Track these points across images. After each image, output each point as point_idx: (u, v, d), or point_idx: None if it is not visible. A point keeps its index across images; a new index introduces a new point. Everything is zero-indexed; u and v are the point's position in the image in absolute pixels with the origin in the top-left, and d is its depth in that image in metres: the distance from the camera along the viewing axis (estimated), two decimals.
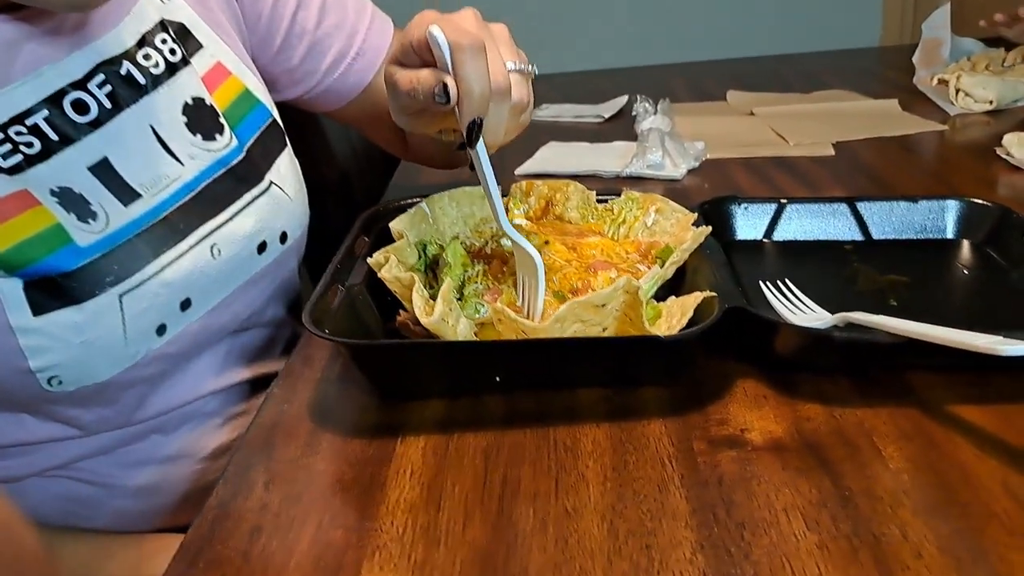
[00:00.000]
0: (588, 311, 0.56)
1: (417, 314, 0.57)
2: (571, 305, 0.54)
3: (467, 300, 0.63)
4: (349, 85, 0.89)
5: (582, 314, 0.56)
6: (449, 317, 0.57)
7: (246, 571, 0.45)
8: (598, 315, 0.56)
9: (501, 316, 0.56)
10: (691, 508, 0.47)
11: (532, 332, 0.55)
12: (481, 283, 0.65)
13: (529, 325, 0.55)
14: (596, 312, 0.56)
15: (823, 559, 0.43)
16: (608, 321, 0.57)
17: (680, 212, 0.71)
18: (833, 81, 1.51)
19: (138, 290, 0.65)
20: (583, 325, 0.57)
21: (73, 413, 0.68)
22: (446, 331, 0.57)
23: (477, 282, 0.65)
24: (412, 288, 0.58)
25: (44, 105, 0.63)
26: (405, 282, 0.60)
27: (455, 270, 0.66)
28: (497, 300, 0.62)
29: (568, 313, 0.55)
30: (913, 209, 0.79)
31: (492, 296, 0.63)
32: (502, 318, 0.56)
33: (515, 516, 0.48)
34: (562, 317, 0.55)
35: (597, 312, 0.56)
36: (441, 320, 0.56)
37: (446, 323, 0.57)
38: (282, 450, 0.56)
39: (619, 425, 0.55)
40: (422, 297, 0.58)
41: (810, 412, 0.55)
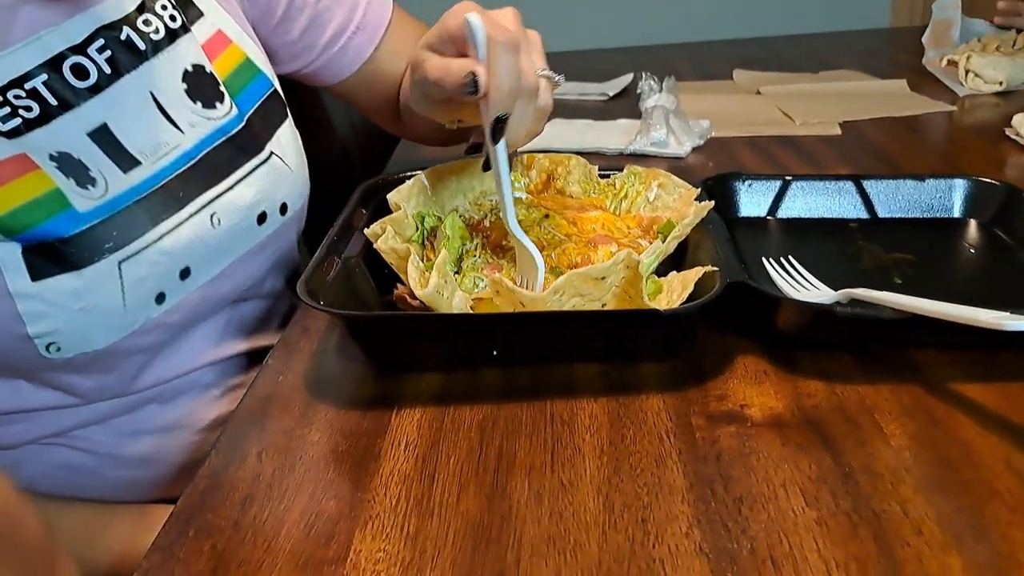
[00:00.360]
0: (587, 284, 0.55)
1: (411, 286, 0.56)
2: (570, 276, 0.54)
3: (465, 274, 0.62)
4: (347, 59, 0.89)
5: (581, 287, 0.55)
6: (444, 290, 0.56)
7: (236, 540, 0.45)
8: (597, 289, 0.56)
9: (500, 288, 0.55)
10: (688, 483, 0.47)
11: (530, 304, 0.54)
12: (480, 257, 0.64)
13: (527, 295, 0.54)
14: (595, 285, 0.55)
15: (822, 535, 0.42)
16: (607, 296, 0.57)
17: (683, 187, 0.70)
18: (841, 62, 1.50)
19: (137, 257, 0.65)
20: (582, 299, 0.56)
21: (71, 380, 0.67)
22: (440, 303, 0.56)
23: (475, 256, 0.64)
24: (408, 259, 0.58)
25: (43, 69, 0.62)
26: (401, 253, 0.60)
27: (453, 243, 0.65)
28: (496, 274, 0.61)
29: (567, 284, 0.54)
30: (920, 188, 0.78)
31: (491, 270, 0.62)
32: (500, 290, 0.55)
33: (510, 488, 0.47)
34: (560, 288, 0.54)
35: (596, 285, 0.55)
36: (436, 292, 0.55)
37: (440, 295, 0.56)
38: (276, 421, 0.55)
39: (617, 400, 0.54)
40: (417, 269, 0.58)
41: (811, 388, 0.54)
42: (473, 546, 0.43)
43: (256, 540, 0.45)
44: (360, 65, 0.89)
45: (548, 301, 0.54)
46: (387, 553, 0.43)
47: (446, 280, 0.57)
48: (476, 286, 0.62)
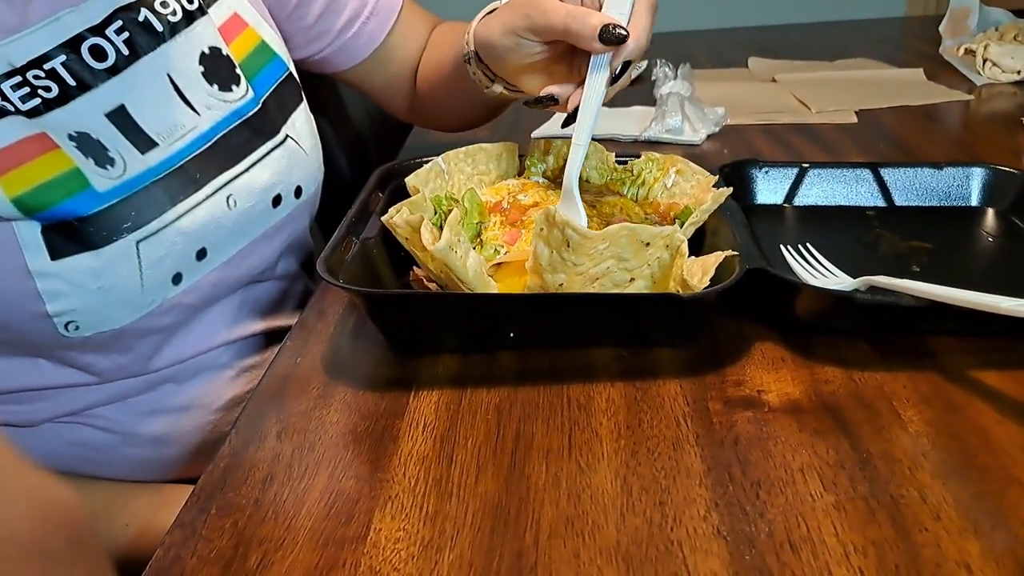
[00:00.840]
0: (631, 244, 0.54)
1: (425, 243, 0.55)
2: (620, 227, 0.53)
3: (486, 243, 0.62)
4: (360, 45, 0.89)
5: (625, 246, 0.54)
6: (457, 247, 0.55)
7: (257, 518, 0.45)
8: (636, 256, 0.55)
9: (551, 221, 0.53)
10: (706, 467, 0.47)
11: (577, 241, 0.53)
12: (499, 231, 0.64)
13: (580, 230, 0.53)
14: (636, 251, 0.55)
15: (839, 519, 0.43)
16: (638, 272, 0.56)
17: (701, 174, 0.70)
18: (857, 50, 1.49)
19: (155, 237, 0.65)
20: (616, 263, 0.55)
21: (89, 359, 0.68)
22: (454, 261, 0.55)
23: (495, 230, 0.64)
24: (420, 227, 0.57)
25: (62, 50, 0.63)
26: (414, 224, 0.59)
27: (471, 217, 0.65)
28: (516, 242, 0.61)
29: (615, 234, 0.53)
30: (937, 176, 0.78)
31: (511, 238, 0.62)
32: (550, 224, 0.53)
33: (528, 471, 0.47)
34: (608, 235, 0.53)
35: (637, 252, 0.55)
36: (448, 248, 0.54)
37: (454, 252, 0.55)
38: (295, 401, 0.55)
39: (634, 384, 0.54)
40: (431, 232, 0.57)
41: (828, 375, 0.54)
42: (492, 527, 0.43)
43: (277, 518, 0.45)
44: (373, 50, 0.90)
45: (595, 245, 0.53)
46: (407, 532, 0.43)
47: (459, 238, 0.56)
48: (497, 253, 0.62)
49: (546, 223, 0.54)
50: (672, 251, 0.56)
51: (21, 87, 0.61)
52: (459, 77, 0.81)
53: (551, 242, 0.55)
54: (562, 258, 0.55)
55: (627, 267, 0.56)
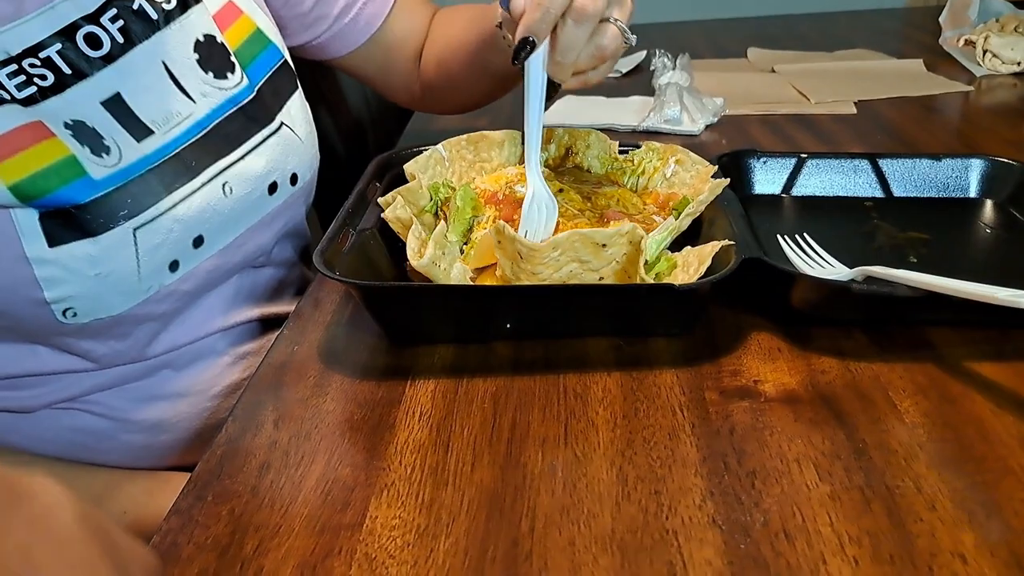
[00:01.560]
0: (588, 248, 0.54)
1: (409, 255, 0.56)
2: (571, 235, 0.53)
3: (473, 244, 0.62)
4: (357, 31, 0.89)
5: (581, 250, 0.54)
6: (441, 261, 0.56)
7: (254, 504, 0.45)
8: (597, 257, 0.55)
9: (502, 236, 0.54)
10: (701, 456, 0.47)
11: (528, 254, 0.53)
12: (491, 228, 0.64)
13: (527, 244, 0.53)
14: (595, 252, 0.55)
15: (835, 509, 0.43)
16: (606, 269, 0.56)
17: (700, 164, 0.70)
18: (856, 41, 1.48)
19: (151, 225, 0.65)
20: (580, 266, 0.55)
21: (87, 346, 0.68)
22: (437, 274, 0.56)
23: (487, 228, 0.64)
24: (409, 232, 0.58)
25: (57, 38, 0.63)
26: (405, 222, 0.59)
27: (464, 213, 0.65)
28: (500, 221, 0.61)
29: (567, 242, 0.53)
30: (936, 167, 0.78)
31: None
32: (502, 239, 0.54)
33: (523, 459, 0.47)
34: (560, 245, 0.53)
35: (596, 253, 0.55)
36: (431, 263, 0.55)
37: (437, 266, 0.56)
38: (292, 390, 0.55)
39: (630, 374, 0.55)
40: (417, 239, 0.57)
41: (825, 365, 0.54)
42: (487, 515, 0.44)
43: (273, 505, 0.45)
44: (370, 35, 0.89)
45: (546, 255, 0.54)
46: (402, 520, 0.43)
47: (444, 251, 0.57)
48: None
49: (499, 236, 0.55)
50: (635, 244, 0.55)
51: (17, 75, 0.61)
52: (481, 48, 0.81)
53: (506, 253, 0.55)
54: (520, 268, 0.55)
55: (591, 267, 0.56)
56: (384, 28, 0.89)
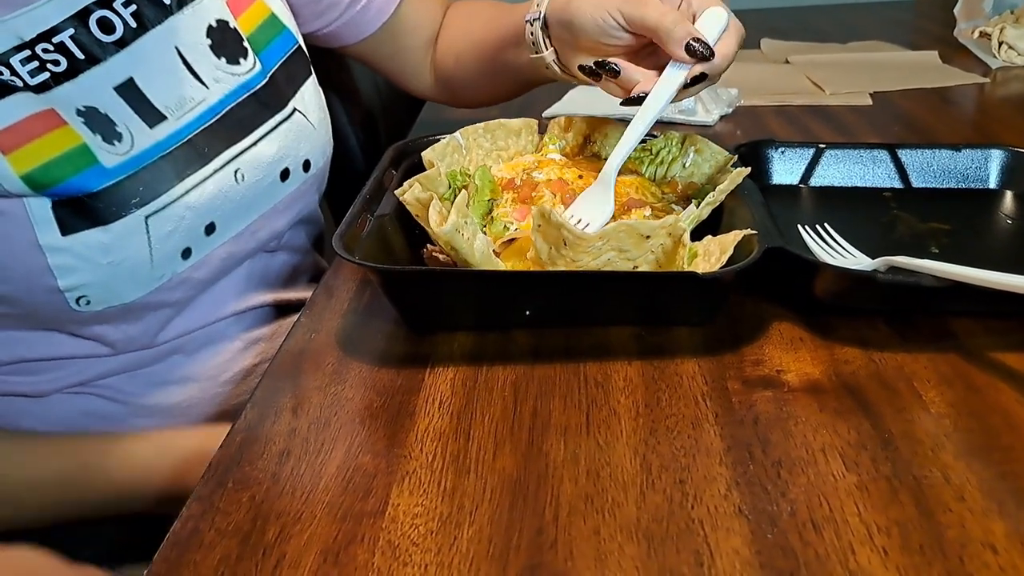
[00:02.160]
0: (631, 238, 0.54)
1: (432, 225, 0.55)
2: (618, 225, 0.53)
3: (496, 219, 0.61)
4: (369, 17, 0.88)
5: (625, 240, 0.54)
6: (464, 230, 0.55)
7: (275, 491, 0.45)
8: (637, 247, 0.55)
9: (544, 220, 0.53)
10: (726, 446, 0.46)
11: (574, 241, 0.53)
12: (510, 207, 0.64)
13: (575, 231, 0.52)
14: (637, 243, 0.54)
15: (862, 499, 0.42)
16: (641, 259, 0.56)
17: (719, 153, 0.69)
18: (869, 32, 1.47)
19: (163, 212, 0.65)
20: (618, 255, 0.55)
21: (100, 331, 0.68)
22: (460, 243, 0.55)
23: (506, 207, 0.63)
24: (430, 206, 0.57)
25: (70, 23, 0.62)
26: (424, 202, 0.59)
27: (482, 194, 0.65)
28: (526, 219, 0.60)
29: (613, 232, 0.53)
30: (955, 158, 0.77)
31: (521, 215, 0.62)
32: (543, 222, 0.53)
33: (545, 447, 0.47)
34: (606, 234, 0.53)
35: (638, 243, 0.54)
36: (454, 231, 0.54)
37: (460, 235, 0.54)
38: (310, 377, 0.55)
39: (651, 363, 0.54)
40: (439, 213, 0.56)
41: (848, 355, 0.54)
42: (510, 503, 0.43)
43: (295, 492, 0.45)
44: (382, 24, 0.89)
45: (592, 244, 0.53)
46: (425, 508, 0.43)
47: (466, 220, 0.56)
48: (507, 230, 0.61)
49: (542, 219, 0.54)
50: (675, 238, 0.55)
51: (30, 61, 0.60)
52: (503, 47, 0.81)
53: (548, 237, 0.55)
54: (560, 254, 0.54)
55: (629, 256, 0.55)
56: (395, 16, 0.89)
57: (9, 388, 0.70)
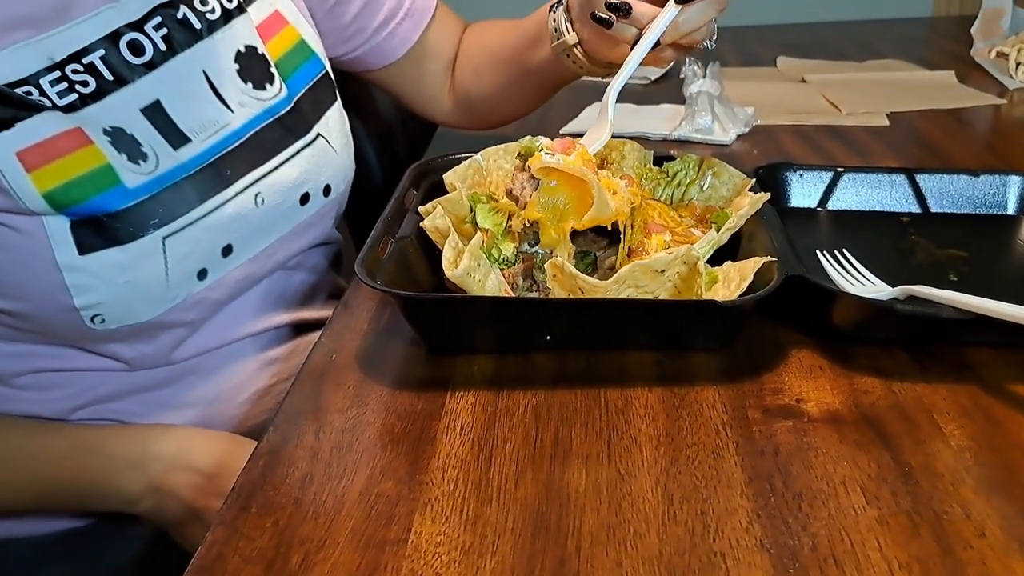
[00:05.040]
0: (646, 275, 0.54)
1: (444, 265, 0.56)
2: (632, 268, 0.53)
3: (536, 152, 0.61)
4: (395, 44, 0.89)
5: (640, 278, 0.55)
6: (476, 272, 0.56)
7: (298, 517, 0.45)
8: (654, 282, 0.55)
9: (559, 272, 0.55)
10: (747, 476, 0.47)
11: (590, 291, 0.54)
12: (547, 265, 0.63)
13: (589, 282, 0.53)
14: (653, 278, 0.55)
15: (883, 534, 0.42)
16: (660, 290, 0.56)
17: (737, 176, 0.70)
18: (885, 50, 1.48)
19: (181, 234, 0.65)
20: (636, 291, 0.56)
21: (115, 348, 0.69)
22: (472, 286, 0.56)
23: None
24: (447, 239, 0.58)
25: (101, 44, 0.63)
26: (443, 232, 0.59)
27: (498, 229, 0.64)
28: (571, 153, 0.60)
29: (628, 275, 0.54)
30: (974, 183, 0.77)
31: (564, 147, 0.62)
32: (559, 274, 0.55)
33: (567, 477, 0.47)
34: (622, 279, 0.54)
35: (654, 278, 0.55)
36: (466, 275, 0.55)
37: (471, 278, 0.55)
38: (331, 400, 0.55)
39: (671, 390, 0.54)
40: (454, 249, 0.57)
41: (867, 385, 0.54)
42: (533, 533, 0.43)
43: (318, 518, 0.45)
44: (406, 51, 0.90)
45: (608, 290, 0.54)
46: (447, 536, 0.43)
47: (479, 263, 0.56)
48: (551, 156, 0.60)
49: (553, 270, 0.55)
50: (690, 265, 0.56)
51: (59, 82, 0.61)
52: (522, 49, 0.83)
53: (565, 286, 0.56)
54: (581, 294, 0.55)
55: (647, 290, 0.56)
56: (420, 44, 0.90)
57: (25, 408, 0.71)
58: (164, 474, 0.69)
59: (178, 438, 0.71)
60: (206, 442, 0.72)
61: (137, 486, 0.69)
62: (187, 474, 0.69)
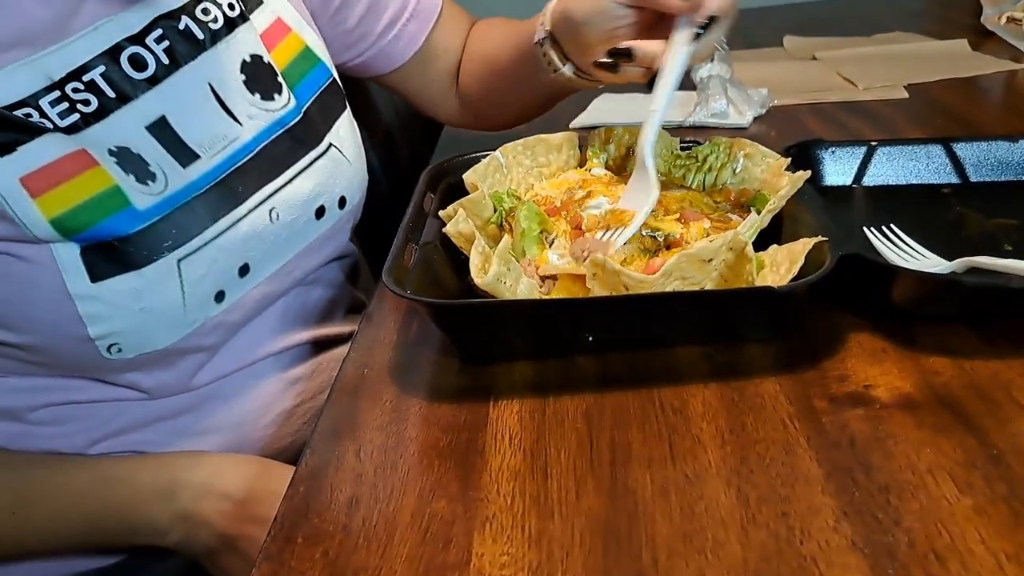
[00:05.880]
0: (693, 266, 0.51)
1: (473, 272, 0.53)
2: (679, 258, 0.50)
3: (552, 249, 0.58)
4: (400, 49, 0.86)
5: (687, 269, 0.51)
6: (507, 277, 0.53)
7: (348, 545, 0.42)
8: (701, 272, 0.52)
9: (600, 269, 0.52)
10: (825, 472, 0.43)
11: (635, 287, 0.51)
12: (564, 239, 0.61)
13: (636, 277, 0.50)
14: (699, 268, 0.52)
15: (983, 524, 0.39)
16: (707, 281, 0.53)
17: (771, 157, 0.67)
18: (892, 23, 1.45)
19: (196, 255, 0.62)
20: (683, 283, 0.53)
21: (133, 378, 0.66)
22: (503, 292, 0.53)
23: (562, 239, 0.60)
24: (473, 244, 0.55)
25: (101, 60, 0.60)
26: (468, 237, 0.57)
27: (531, 231, 0.61)
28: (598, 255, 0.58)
29: (675, 267, 0.51)
30: (1012, 149, 0.74)
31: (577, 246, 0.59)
32: (599, 272, 0.52)
33: (631, 483, 0.44)
34: (668, 271, 0.51)
35: (700, 268, 0.52)
36: (496, 280, 0.52)
37: (502, 283, 0.53)
38: (368, 416, 0.52)
39: (728, 384, 0.51)
40: (480, 255, 0.54)
41: (937, 365, 0.51)
42: (603, 547, 0.40)
43: (369, 545, 0.42)
44: (412, 53, 0.87)
45: (655, 284, 0.51)
46: (512, 557, 0.40)
47: (509, 267, 0.54)
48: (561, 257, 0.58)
49: (595, 268, 0.52)
50: (736, 251, 0.53)
51: (60, 103, 0.58)
52: (521, 66, 0.78)
53: (607, 285, 0.52)
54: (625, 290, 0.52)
55: (694, 282, 0.53)
56: (426, 46, 0.87)
57: (43, 444, 0.68)
58: (193, 502, 0.66)
59: (205, 464, 0.68)
60: (235, 467, 0.69)
61: (165, 516, 0.66)
62: (217, 501, 0.66)
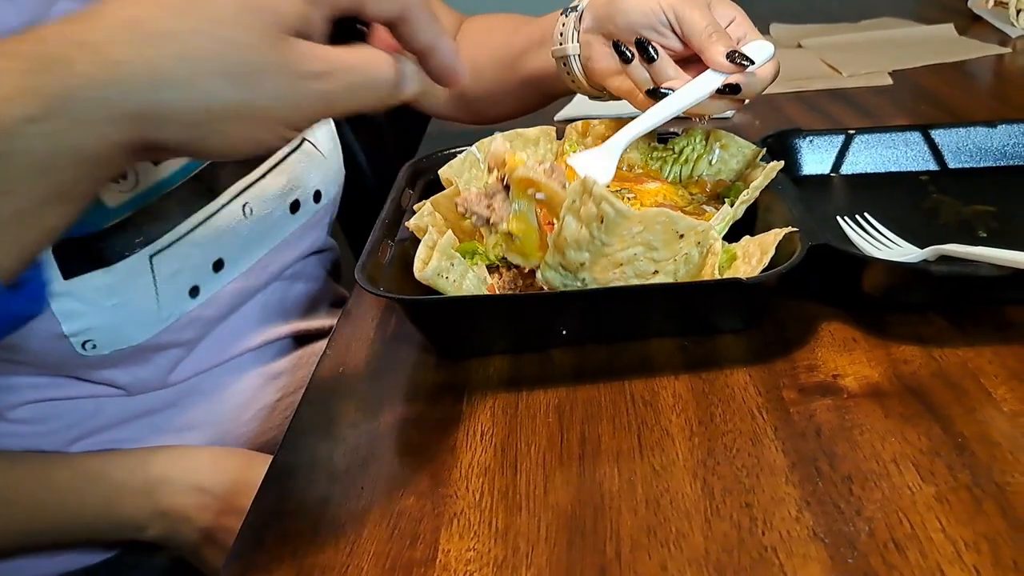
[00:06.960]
0: (666, 233, 0.50)
1: (416, 265, 0.53)
2: (659, 212, 0.49)
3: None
4: None
5: (659, 234, 0.50)
6: (449, 272, 0.53)
7: (317, 544, 0.42)
8: (667, 247, 0.51)
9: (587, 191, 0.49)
10: (790, 462, 0.44)
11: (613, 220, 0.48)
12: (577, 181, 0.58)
13: (619, 206, 0.48)
14: (668, 242, 0.51)
15: (944, 512, 0.39)
16: (664, 263, 0.52)
17: (746, 147, 0.67)
18: (880, 9, 1.44)
19: (168, 251, 0.63)
20: (644, 250, 0.51)
21: (109, 375, 0.66)
22: (445, 287, 0.53)
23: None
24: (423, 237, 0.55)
25: None
26: (423, 229, 0.57)
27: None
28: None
29: (652, 218, 0.49)
30: (991, 135, 0.74)
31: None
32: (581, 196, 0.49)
33: (599, 477, 0.44)
34: (646, 218, 0.49)
35: (668, 243, 0.51)
36: (436, 275, 0.52)
37: (443, 278, 0.52)
38: (342, 415, 0.53)
39: (699, 376, 0.51)
40: (427, 248, 0.54)
41: (906, 354, 0.51)
42: (568, 540, 0.41)
43: (338, 544, 0.42)
44: None
45: (632, 225, 0.49)
46: (478, 552, 0.41)
47: (452, 263, 0.53)
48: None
49: (582, 192, 0.49)
50: (703, 249, 0.53)
51: None
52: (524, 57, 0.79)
53: (583, 216, 0.50)
54: (591, 235, 0.50)
55: (654, 257, 0.52)
56: None
57: (22, 442, 0.68)
58: (171, 497, 0.67)
59: (184, 459, 0.69)
60: (215, 460, 0.69)
61: (143, 512, 0.67)
62: (196, 495, 0.67)
